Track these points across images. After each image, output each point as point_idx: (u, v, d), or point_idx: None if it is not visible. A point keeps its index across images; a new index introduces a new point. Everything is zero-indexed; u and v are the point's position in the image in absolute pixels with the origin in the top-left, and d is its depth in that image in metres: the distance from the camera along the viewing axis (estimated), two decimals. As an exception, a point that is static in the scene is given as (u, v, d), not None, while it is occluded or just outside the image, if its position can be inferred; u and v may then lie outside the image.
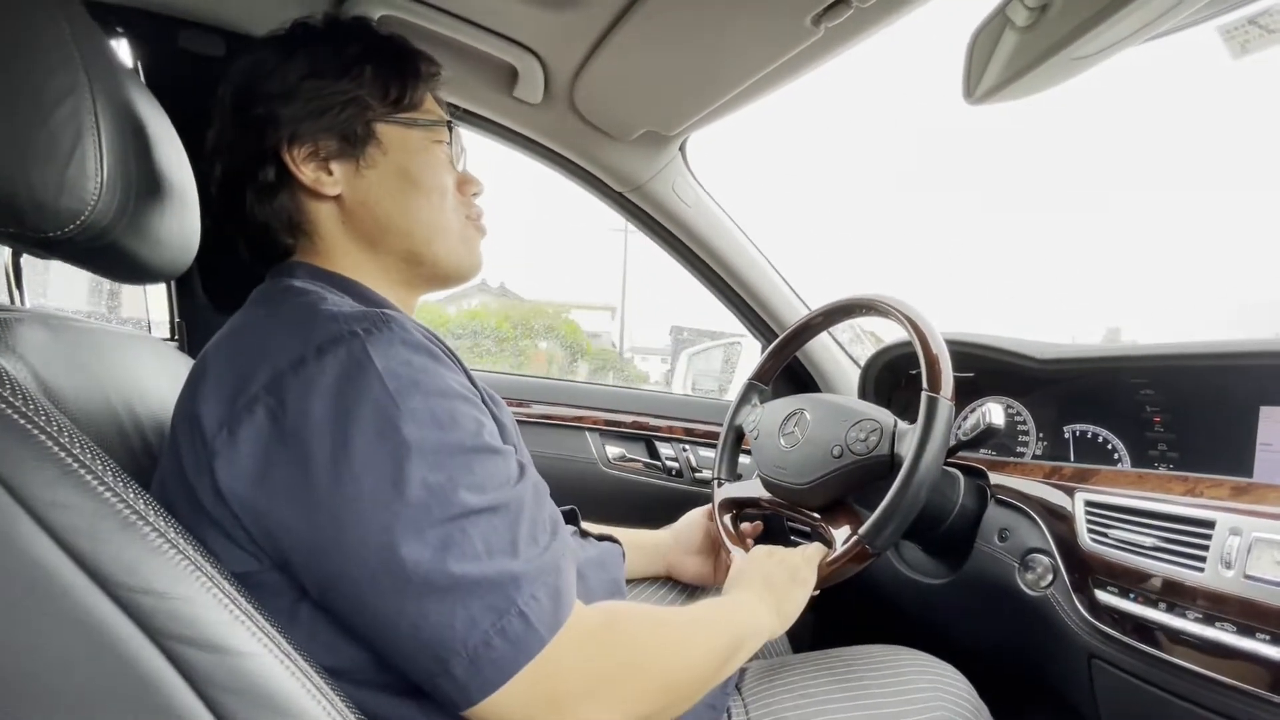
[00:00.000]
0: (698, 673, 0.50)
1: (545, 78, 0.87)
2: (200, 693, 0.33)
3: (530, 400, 1.31)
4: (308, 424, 0.40)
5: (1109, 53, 0.52)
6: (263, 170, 0.53)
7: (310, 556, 0.40)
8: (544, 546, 0.44)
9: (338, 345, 0.42)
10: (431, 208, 0.57)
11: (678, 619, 0.53)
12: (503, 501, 0.43)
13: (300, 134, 0.52)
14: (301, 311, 0.46)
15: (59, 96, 0.43)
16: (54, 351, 0.46)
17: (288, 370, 0.41)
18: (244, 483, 0.40)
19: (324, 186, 0.54)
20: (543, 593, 0.42)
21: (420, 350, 0.45)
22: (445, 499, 0.40)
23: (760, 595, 0.63)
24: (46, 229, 0.43)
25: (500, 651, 0.39)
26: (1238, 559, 0.55)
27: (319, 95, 0.53)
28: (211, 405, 0.42)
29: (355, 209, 0.55)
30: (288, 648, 0.37)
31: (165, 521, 0.35)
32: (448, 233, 0.58)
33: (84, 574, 0.32)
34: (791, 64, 0.75)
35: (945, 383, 0.68)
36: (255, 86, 0.53)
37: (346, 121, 0.53)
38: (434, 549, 0.39)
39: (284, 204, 0.54)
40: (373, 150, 0.54)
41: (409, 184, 0.56)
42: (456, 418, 0.43)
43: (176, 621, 0.33)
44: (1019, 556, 0.75)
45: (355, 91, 0.54)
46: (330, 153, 0.53)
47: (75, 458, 0.34)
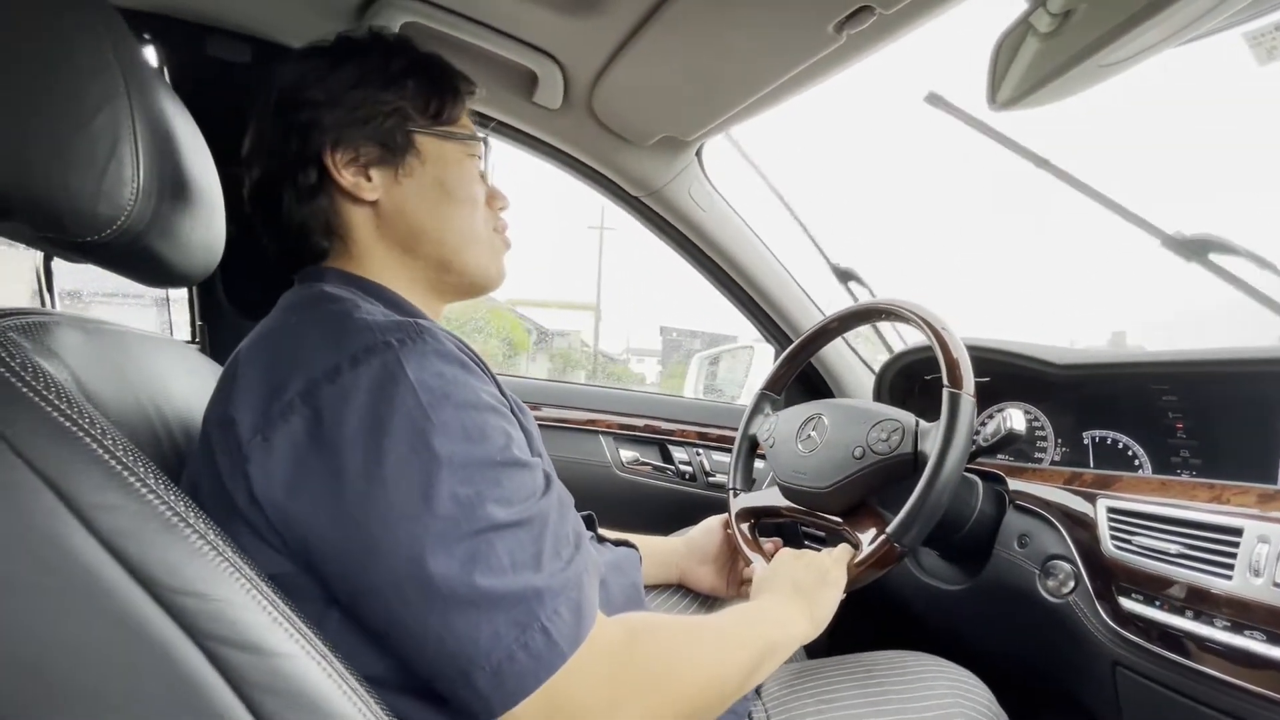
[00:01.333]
0: (724, 684, 0.50)
1: (565, 83, 0.88)
2: (240, 693, 0.34)
3: (543, 403, 1.31)
4: (342, 434, 0.41)
5: (1136, 60, 0.52)
6: (304, 173, 0.54)
7: (339, 564, 0.41)
8: (567, 560, 0.44)
9: (372, 355, 0.43)
10: (464, 218, 0.59)
11: (704, 630, 0.53)
12: (528, 516, 0.43)
13: (343, 140, 0.54)
14: (335, 319, 0.47)
15: (98, 103, 0.43)
16: (90, 354, 0.46)
17: (323, 379, 0.42)
18: (277, 489, 0.41)
19: (363, 191, 0.55)
20: (565, 608, 0.42)
21: (452, 361, 0.45)
22: (473, 513, 0.41)
23: (791, 599, 0.63)
24: (85, 234, 0.44)
25: (523, 665, 0.40)
26: (1267, 567, 0.54)
27: (364, 104, 0.55)
28: (246, 410, 0.43)
29: (391, 215, 0.56)
30: (324, 649, 0.37)
31: (205, 524, 0.36)
32: (478, 242, 0.60)
33: (129, 575, 0.33)
34: (811, 70, 0.75)
35: (967, 380, 0.68)
36: (301, 92, 0.54)
37: (388, 131, 0.55)
38: (461, 562, 0.39)
39: (322, 206, 0.55)
40: (412, 160, 0.56)
41: (444, 194, 0.58)
42: (486, 431, 0.44)
43: (217, 623, 0.34)
44: (1039, 563, 0.74)
45: (398, 103, 0.56)
46: (371, 160, 0.55)
47: (120, 460, 0.34)
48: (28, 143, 0.41)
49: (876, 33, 0.67)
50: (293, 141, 0.54)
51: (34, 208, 0.42)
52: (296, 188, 0.55)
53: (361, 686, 0.39)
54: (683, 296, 35.16)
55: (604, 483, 1.24)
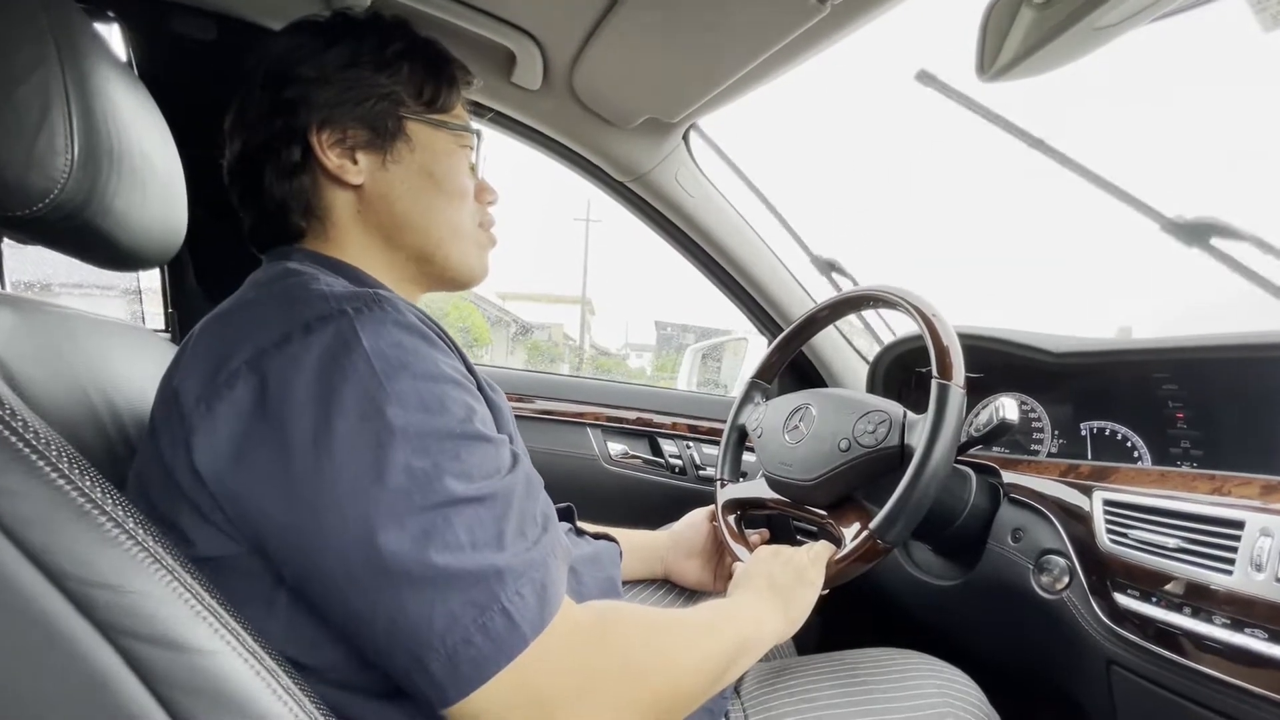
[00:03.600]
0: (696, 679, 0.48)
1: (544, 63, 0.85)
2: (156, 693, 0.31)
3: (533, 395, 1.29)
4: (289, 403, 0.38)
5: (1132, 22, 0.49)
6: (288, 150, 0.53)
7: (286, 542, 0.39)
8: (533, 540, 0.42)
9: (325, 323, 0.41)
10: (450, 210, 0.57)
11: (676, 622, 0.51)
12: (490, 492, 0.41)
13: (332, 120, 0.53)
14: (291, 290, 0.45)
15: (25, 69, 0.41)
16: (22, 336, 0.44)
17: (271, 347, 0.40)
18: (221, 461, 0.39)
19: (347, 174, 0.54)
20: (528, 589, 0.39)
21: (412, 331, 0.43)
22: (428, 486, 0.38)
23: (765, 597, 0.61)
24: (14, 207, 0.42)
25: (480, 650, 0.37)
26: (1269, 561, 0.51)
27: (356, 85, 0.53)
28: (192, 380, 0.41)
29: (374, 201, 0.55)
30: (253, 645, 0.35)
31: (124, 511, 0.33)
32: (462, 236, 0.59)
33: (33, 566, 0.30)
34: (797, 45, 0.73)
35: (956, 371, 0.65)
36: (291, 68, 0.53)
37: (379, 115, 0.54)
38: (414, 538, 0.37)
39: (304, 185, 0.54)
40: (401, 146, 0.55)
41: (432, 183, 0.56)
42: (446, 403, 0.42)
43: (132, 617, 0.31)
44: (1033, 558, 0.72)
45: (392, 87, 0.54)
46: (358, 143, 0.54)
47: (28, 443, 0.32)
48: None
49: (861, 3, 0.65)
50: (278, 117, 0.53)
51: None
52: (279, 164, 0.53)
53: (295, 684, 0.36)
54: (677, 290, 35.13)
55: (592, 476, 1.22)
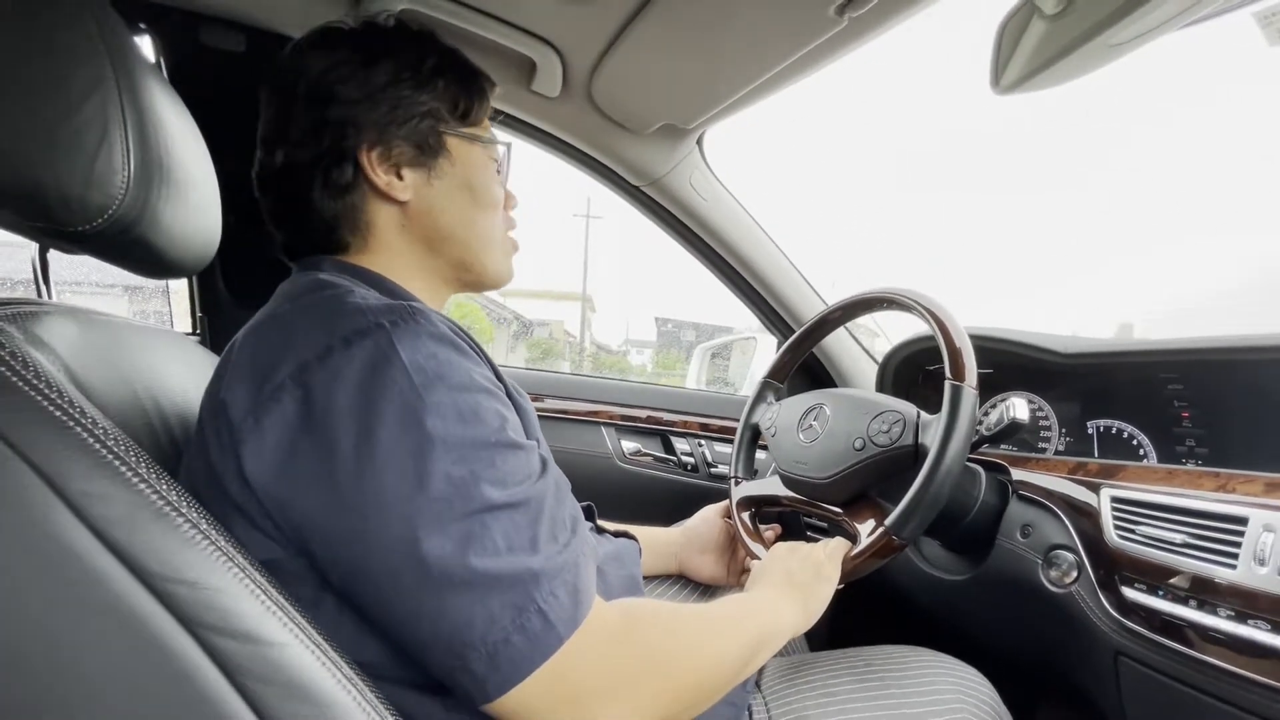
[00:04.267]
0: (719, 671, 0.50)
1: (563, 71, 0.87)
2: (234, 682, 0.34)
3: (546, 395, 1.31)
4: (332, 414, 0.40)
5: (1145, 39, 0.51)
6: (339, 169, 0.54)
7: (332, 547, 0.41)
8: (564, 544, 0.44)
9: (364, 337, 0.42)
10: (487, 221, 0.60)
11: (699, 617, 0.53)
12: (524, 498, 0.43)
13: (381, 140, 0.54)
14: (328, 304, 0.47)
15: (86, 91, 0.43)
16: (83, 345, 0.46)
17: (314, 360, 0.42)
18: (269, 471, 0.41)
19: (395, 191, 0.55)
20: (562, 590, 0.42)
21: (445, 343, 0.45)
22: (467, 493, 0.40)
23: (784, 592, 0.63)
24: (75, 223, 0.44)
25: (518, 649, 0.39)
26: (1272, 556, 0.54)
27: (400, 104, 0.55)
28: (238, 393, 0.42)
29: (419, 215, 0.57)
30: (318, 638, 0.37)
31: (197, 513, 0.36)
32: (495, 244, 0.61)
33: (121, 564, 0.33)
34: (813, 55, 0.74)
35: (969, 372, 0.67)
36: (334, 86, 0.54)
37: (423, 132, 0.56)
38: (455, 543, 0.39)
39: (354, 202, 0.55)
40: (443, 162, 0.57)
41: (472, 197, 0.59)
42: (480, 412, 0.44)
43: (210, 612, 0.34)
44: (1042, 553, 0.74)
45: (432, 104, 0.56)
46: (404, 160, 0.55)
47: (110, 449, 0.34)
48: (16, 131, 0.40)
49: (879, 16, 0.66)
50: (325, 136, 0.54)
51: (23, 197, 0.41)
52: (329, 182, 0.54)
53: (357, 675, 0.38)
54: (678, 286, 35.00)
55: (605, 474, 1.24)
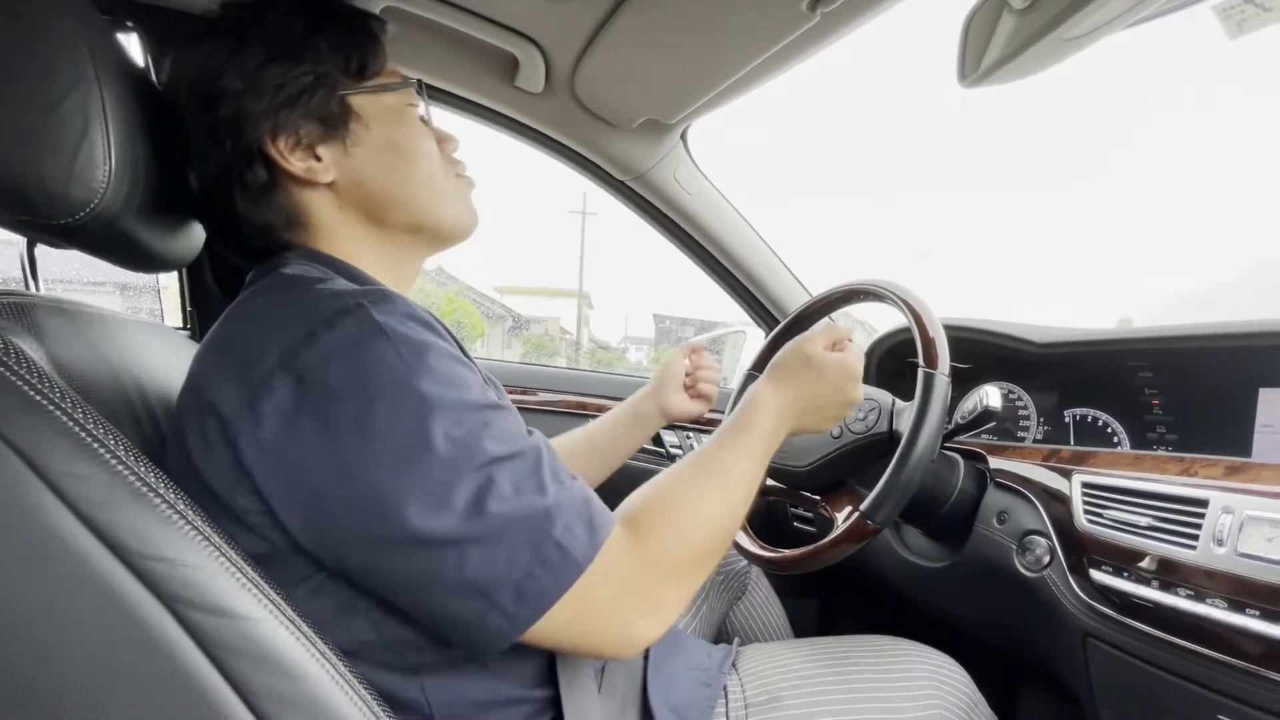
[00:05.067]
0: (733, 512, 0.53)
1: (546, 67, 0.88)
2: (210, 654, 0.35)
3: (535, 388, 1.33)
4: (328, 392, 0.41)
5: (1101, 33, 0.52)
6: (250, 171, 0.51)
7: (345, 523, 0.41)
8: (569, 483, 0.46)
9: (345, 315, 0.43)
10: (425, 173, 0.56)
11: (692, 479, 0.53)
12: (521, 449, 0.44)
13: (279, 125, 0.50)
14: (301, 291, 0.47)
15: (67, 88, 0.44)
16: (69, 335, 0.47)
17: (299, 344, 0.42)
18: (272, 459, 0.41)
19: (317, 174, 0.52)
20: (577, 523, 0.43)
21: (421, 322, 0.46)
22: (471, 450, 0.42)
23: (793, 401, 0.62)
24: (58, 216, 0.45)
25: (541, 582, 0.41)
26: (1230, 537, 0.55)
27: (285, 81, 0.50)
28: (225, 390, 0.42)
29: (351, 190, 0.54)
30: (292, 614, 0.38)
31: (174, 493, 0.37)
32: (444, 194, 0.58)
33: (100, 542, 0.34)
34: (789, 50, 0.75)
35: (942, 360, 0.68)
36: (214, 82, 0.50)
37: (320, 103, 0.51)
38: (468, 497, 0.40)
39: (280, 201, 0.52)
40: (355, 127, 0.53)
41: (398, 154, 0.55)
42: (466, 381, 0.45)
43: (187, 587, 0.35)
44: (1017, 539, 0.75)
45: (318, 69, 0.51)
46: (313, 138, 0.52)
47: (89, 432, 0.35)
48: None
49: (850, 11, 0.67)
50: (224, 138, 0.50)
51: (7, 191, 0.43)
52: (246, 187, 0.51)
53: (330, 650, 0.40)
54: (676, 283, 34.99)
55: None
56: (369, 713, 0.39)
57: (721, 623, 0.94)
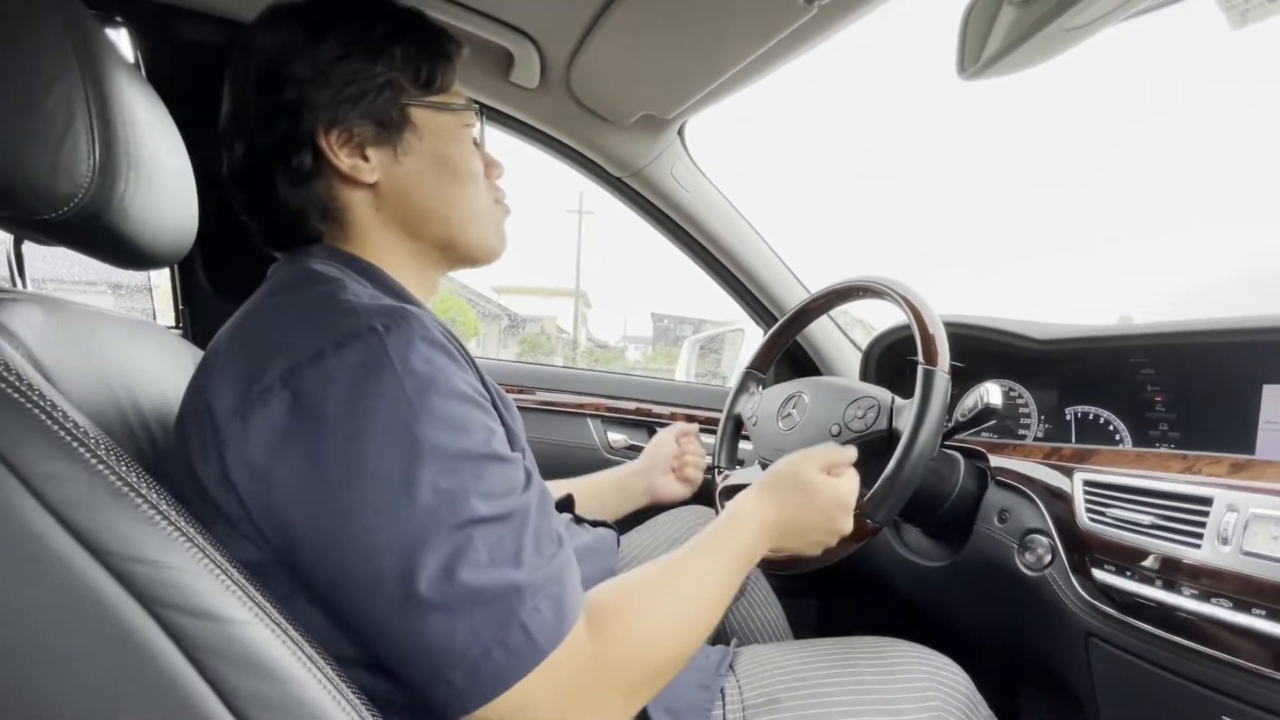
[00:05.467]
0: (697, 624, 0.51)
1: (541, 62, 0.87)
2: (192, 658, 0.34)
3: (534, 387, 1.32)
4: (322, 419, 0.39)
5: (1101, 24, 0.51)
6: (298, 156, 0.51)
7: (315, 552, 0.40)
8: (549, 557, 0.43)
9: (357, 340, 0.41)
10: (468, 195, 0.57)
11: (662, 583, 0.51)
12: (509, 510, 0.42)
13: (337, 120, 0.51)
14: (320, 301, 0.46)
15: (50, 81, 0.43)
16: (51, 333, 0.46)
17: (305, 362, 0.41)
18: (254, 473, 0.40)
19: (362, 174, 0.52)
20: (545, 604, 0.41)
21: (438, 349, 0.44)
22: (455, 506, 0.40)
23: (779, 521, 0.61)
24: (41, 211, 0.44)
25: (499, 663, 0.39)
26: (1235, 535, 0.54)
27: (354, 79, 0.51)
28: (224, 393, 0.41)
29: (391, 196, 0.54)
30: (279, 617, 0.38)
31: (158, 494, 0.36)
32: (481, 217, 0.58)
33: (78, 543, 0.33)
34: (786, 44, 0.75)
35: (941, 357, 0.68)
36: (284, 67, 0.50)
37: (382, 107, 0.52)
38: (440, 558, 0.39)
39: (319, 190, 0.52)
40: (409, 136, 0.54)
41: (447, 171, 0.55)
42: (468, 424, 0.43)
43: (169, 589, 0.34)
44: (1018, 537, 0.74)
45: (390, 74, 0.52)
46: (366, 139, 0.52)
47: (69, 431, 0.34)
48: (-21, 120, 0.41)
49: (848, 3, 0.67)
50: (280, 121, 0.51)
51: None
52: (290, 171, 0.51)
53: (318, 654, 0.39)
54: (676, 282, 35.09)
55: (591, 466, 1.24)
56: (357, 717, 0.39)
57: (720, 624, 0.93)
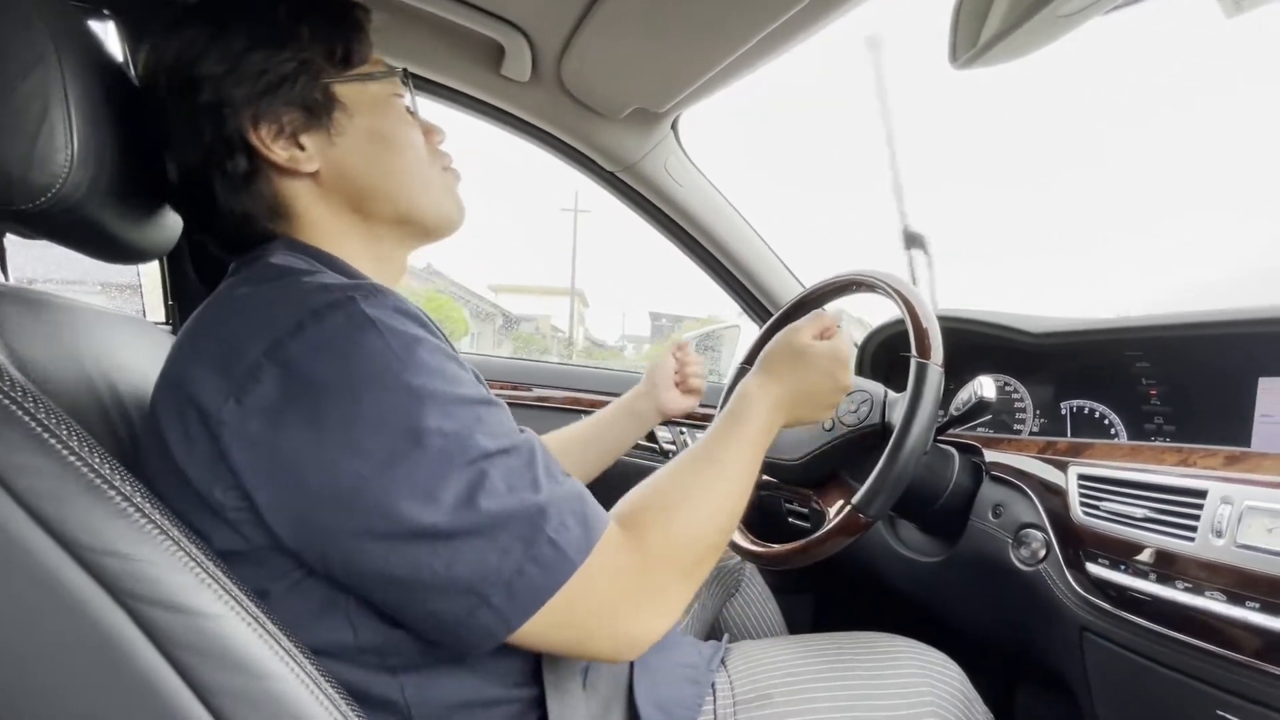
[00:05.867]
0: (730, 506, 0.53)
1: (532, 55, 0.86)
2: (165, 652, 0.34)
3: (530, 384, 1.31)
4: (315, 385, 0.40)
5: (1093, 10, 0.50)
6: (231, 160, 0.50)
7: (331, 518, 0.39)
8: (563, 480, 0.45)
9: (335, 308, 0.42)
10: (410, 164, 0.55)
11: (688, 475, 0.53)
12: (514, 444, 0.43)
13: (261, 112, 0.49)
14: (289, 284, 0.45)
15: (24, 70, 0.43)
16: (31, 327, 0.46)
17: (286, 336, 0.40)
18: (256, 451, 0.39)
19: (300, 164, 0.51)
20: (571, 519, 0.43)
21: (412, 318, 0.45)
22: (463, 444, 0.41)
23: (785, 393, 0.62)
24: (17, 202, 0.44)
25: (534, 578, 0.40)
26: (1229, 528, 0.54)
27: (268, 67, 0.49)
28: (206, 381, 0.41)
29: (334, 181, 0.53)
30: (256, 611, 0.37)
31: (131, 486, 0.36)
32: (430, 186, 0.57)
33: (49, 536, 0.33)
34: (781, 32, 0.74)
35: (934, 350, 0.67)
36: (194, 68, 0.49)
37: (303, 90, 0.50)
38: (459, 492, 0.40)
39: (261, 190, 0.51)
40: (339, 116, 0.52)
41: (383, 145, 0.54)
42: (459, 375, 0.44)
43: (141, 583, 0.34)
44: (1012, 532, 0.74)
45: (302, 56, 0.51)
46: (297, 126, 0.51)
47: (40, 422, 0.34)
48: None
49: (839, -8, 0.66)
50: (204, 126, 0.49)
51: None
52: (227, 176, 0.50)
53: (295, 647, 0.38)
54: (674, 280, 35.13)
55: None
56: (336, 713, 0.38)
57: (715, 620, 0.93)
